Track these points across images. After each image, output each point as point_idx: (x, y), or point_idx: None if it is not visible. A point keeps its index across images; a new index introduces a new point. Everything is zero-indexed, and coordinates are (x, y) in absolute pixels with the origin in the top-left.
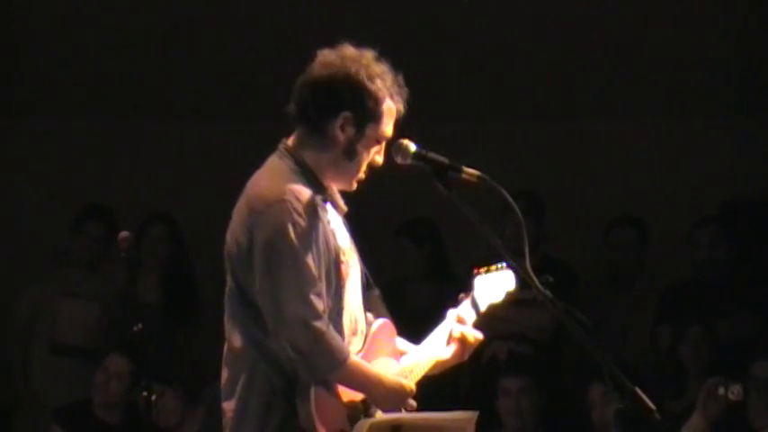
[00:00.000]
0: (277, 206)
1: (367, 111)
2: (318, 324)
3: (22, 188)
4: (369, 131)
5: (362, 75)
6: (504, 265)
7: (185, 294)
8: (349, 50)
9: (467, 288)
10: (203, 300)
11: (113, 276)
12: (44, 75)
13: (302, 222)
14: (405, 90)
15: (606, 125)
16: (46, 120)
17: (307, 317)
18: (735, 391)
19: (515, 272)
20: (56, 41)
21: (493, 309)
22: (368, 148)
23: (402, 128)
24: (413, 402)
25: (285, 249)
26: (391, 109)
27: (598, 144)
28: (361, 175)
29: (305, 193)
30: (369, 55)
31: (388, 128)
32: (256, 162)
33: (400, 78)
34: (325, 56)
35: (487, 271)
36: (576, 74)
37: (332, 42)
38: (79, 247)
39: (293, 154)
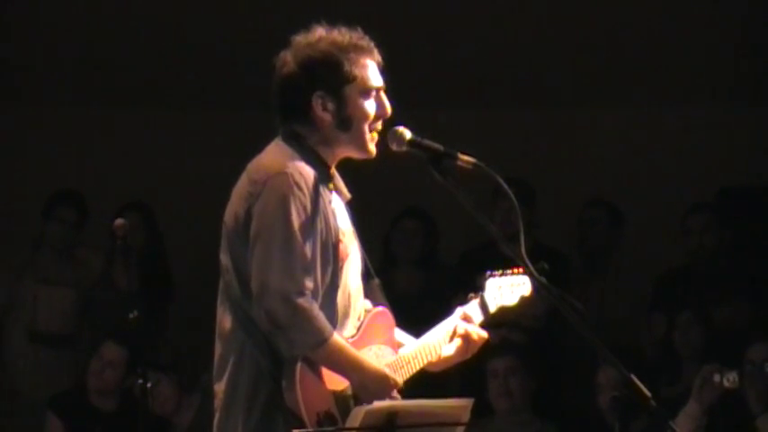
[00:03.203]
0: (278, 178)
1: (333, 80)
2: (300, 300)
3: None
4: (347, 95)
5: (312, 54)
6: (521, 270)
7: (159, 282)
8: (299, 39)
9: (477, 288)
10: (178, 287)
11: (88, 262)
12: (22, 62)
13: (302, 197)
14: (368, 39)
15: (599, 112)
16: (22, 106)
17: (288, 291)
18: (730, 379)
19: (532, 278)
20: (36, 29)
21: (503, 311)
22: (357, 108)
23: (397, 115)
24: (396, 395)
25: (280, 221)
26: (359, 61)
27: (590, 132)
28: (374, 135)
29: (307, 169)
30: (318, 32)
31: (369, 79)
32: (234, 151)
33: (359, 31)
34: (281, 57)
35: (502, 274)
36: (570, 62)
37: None
38: (51, 233)
39: (296, 137)
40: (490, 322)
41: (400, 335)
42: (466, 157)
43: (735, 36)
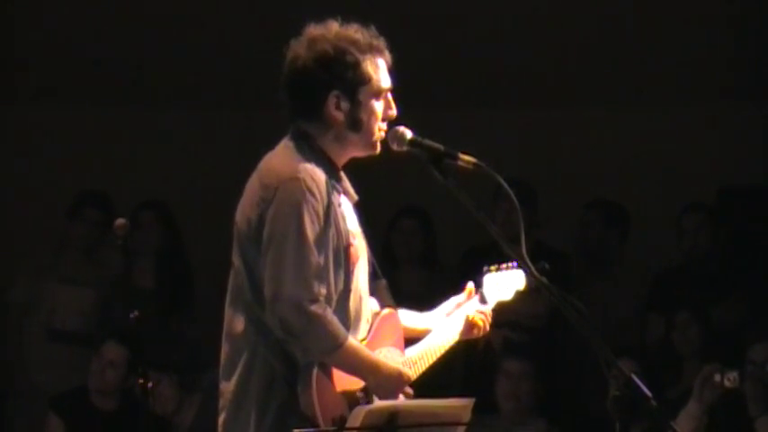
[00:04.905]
0: (290, 183)
1: (350, 80)
2: (314, 307)
3: (19, 174)
4: (362, 97)
5: (331, 51)
6: (515, 264)
7: (179, 280)
8: (313, 32)
9: (476, 284)
10: (198, 285)
11: (109, 262)
12: (42, 62)
13: (314, 202)
14: (382, 39)
15: (600, 113)
16: (45, 107)
17: (302, 299)
18: (731, 378)
19: (525, 271)
20: (54, 29)
21: (501, 306)
22: (368, 110)
23: (398, 115)
24: (409, 390)
25: (293, 227)
26: (375, 63)
27: (590, 132)
28: (381, 134)
29: (318, 173)
30: (334, 27)
31: (382, 81)
32: (252, 151)
33: (373, 29)
34: (293, 49)
35: (498, 269)
36: (570, 61)
37: None
38: (77, 233)
39: (306, 138)
40: (492, 322)
41: (408, 316)
42: (467, 157)
43: (735, 36)
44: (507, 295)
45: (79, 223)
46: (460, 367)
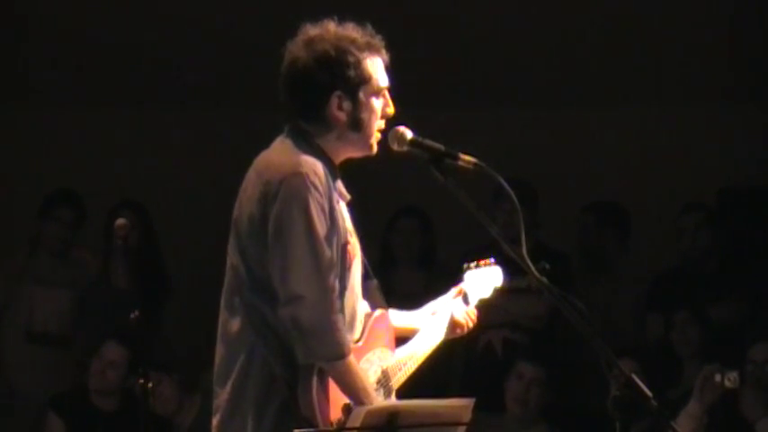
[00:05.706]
0: (294, 178)
1: (352, 80)
2: (328, 307)
3: None
4: (362, 96)
5: (332, 50)
6: (492, 260)
7: (155, 281)
8: (310, 32)
9: (457, 282)
10: (174, 286)
11: (84, 263)
12: (20, 61)
13: (319, 197)
14: (378, 37)
15: (600, 113)
16: (16, 106)
17: (316, 297)
18: (731, 378)
19: (503, 267)
20: (34, 29)
21: (482, 303)
22: (369, 109)
23: (398, 115)
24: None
25: (302, 224)
26: (374, 62)
27: (590, 132)
28: (378, 134)
29: (319, 166)
30: (331, 26)
31: (381, 80)
32: (229, 150)
33: (369, 28)
34: (291, 50)
35: (477, 266)
36: (570, 62)
37: None
38: (49, 233)
39: (304, 134)
40: (491, 323)
41: (398, 316)
42: (467, 157)
43: (734, 36)
44: (486, 293)
45: (51, 223)
46: (460, 367)
